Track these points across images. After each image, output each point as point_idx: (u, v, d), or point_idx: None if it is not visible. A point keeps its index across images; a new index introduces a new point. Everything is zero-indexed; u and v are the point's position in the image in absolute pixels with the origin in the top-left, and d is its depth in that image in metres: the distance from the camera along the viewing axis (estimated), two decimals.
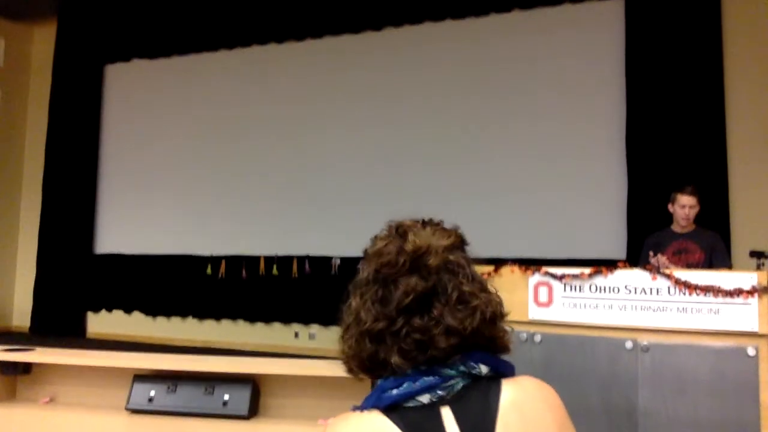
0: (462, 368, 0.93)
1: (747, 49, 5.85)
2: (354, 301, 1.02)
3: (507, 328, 1.00)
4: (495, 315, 0.98)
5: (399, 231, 1.02)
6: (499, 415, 0.90)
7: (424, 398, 0.92)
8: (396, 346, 0.94)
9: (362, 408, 0.94)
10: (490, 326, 0.97)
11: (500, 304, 1.01)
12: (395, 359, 0.94)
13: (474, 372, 0.94)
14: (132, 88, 8.75)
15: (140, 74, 8.72)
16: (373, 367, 0.98)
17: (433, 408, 0.92)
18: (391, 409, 0.92)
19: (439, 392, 0.92)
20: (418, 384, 0.92)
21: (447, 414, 0.91)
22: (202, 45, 8.24)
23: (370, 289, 1.00)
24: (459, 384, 0.93)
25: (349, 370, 1.02)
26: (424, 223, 1.05)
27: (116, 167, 8.74)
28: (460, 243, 1.03)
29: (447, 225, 1.08)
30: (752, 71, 5.83)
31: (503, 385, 0.94)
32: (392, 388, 0.93)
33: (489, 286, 1.02)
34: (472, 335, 0.95)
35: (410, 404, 0.92)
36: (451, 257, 0.99)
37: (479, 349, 0.96)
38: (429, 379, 0.93)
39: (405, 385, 0.93)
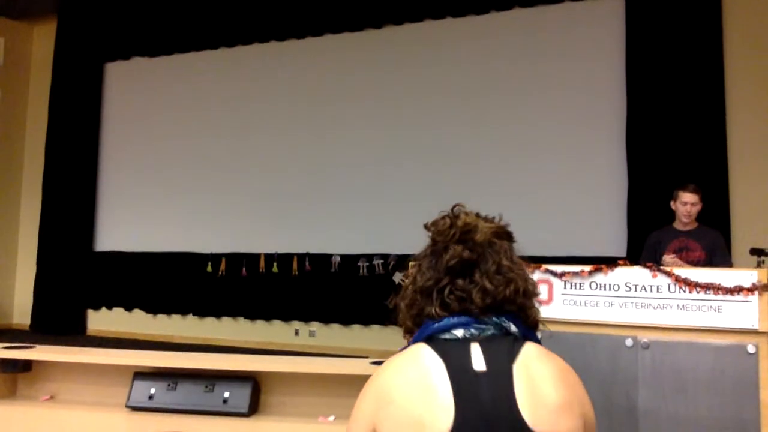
0: (495, 320, 1.14)
1: (747, 48, 5.84)
2: (412, 270, 1.24)
3: (538, 306, 1.21)
4: (527, 290, 1.18)
5: (454, 211, 1.26)
6: (519, 359, 1.08)
7: (459, 332, 1.13)
8: (440, 299, 1.16)
9: (409, 345, 1.17)
10: (522, 297, 1.17)
11: (534, 284, 1.21)
12: (437, 310, 1.15)
13: (504, 325, 1.14)
14: (132, 86, 8.74)
15: (140, 72, 8.71)
16: (422, 321, 1.19)
17: (465, 342, 1.12)
18: (430, 340, 1.13)
19: (473, 330, 1.12)
20: (454, 319, 1.14)
21: (476, 349, 1.10)
22: (202, 43, 8.23)
23: (426, 259, 1.22)
24: (490, 330, 1.13)
25: (405, 330, 1.24)
26: (478, 215, 1.28)
27: (116, 165, 8.74)
28: (505, 234, 1.25)
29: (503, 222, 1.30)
30: (753, 69, 5.81)
31: (527, 343, 1.12)
32: (433, 324, 1.15)
33: (526, 270, 1.22)
34: (505, 301, 1.15)
35: (446, 336, 1.13)
36: (496, 240, 1.21)
37: (514, 315, 1.16)
38: (464, 319, 1.14)
39: (444, 321, 1.14)
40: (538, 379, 1.06)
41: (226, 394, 2.46)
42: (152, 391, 2.52)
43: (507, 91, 6.79)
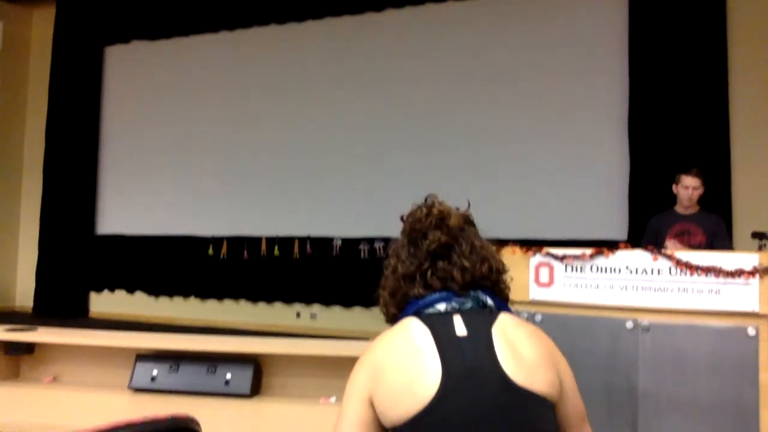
0: (473, 294, 1.27)
1: (751, 33, 5.80)
2: (392, 261, 1.36)
3: (508, 281, 1.36)
4: (499, 268, 1.33)
5: (427, 202, 1.36)
6: (495, 325, 1.21)
7: (441, 306, 1.25)
8: (423, 281, 1.28)
9: (400, 318, 1.29)
10: (496, 274, 1.32)
11: (503, 263, 1.36)
12: (419, 290, 1.27)
13: (481, 299, 1.27)
14: (132, 69, 8.70)
15: (140, 56, 8.67)
16: (405, 303, 1.30)
17: (448, 314, 1.24)
18: (416, 315, 1.25)
19: (454, 304, 1.25)
20: (436, 295, 1.26)
21: (458, 319, 1.23)
22: (202, 26, 8.18)
23: (404, 248, 1.34)
24: (469, 303, 1.26)
25: (388, 318, 1.36)
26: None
27: (117, 148, 8.73)
28: (471, 221, 1.39)
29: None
30: (756, 53, 5.78)
31: (502, 313, 1.26)
32: (418, 302, 1.27)
33: (495, 251, 1.36)
34: (482, 278, 1.29)
35: (430, 311, 1.25)
36: (465, 225, 1.34)
37: (489, 290, 1.30)
38: (445, 294, 1.26)
39: (427, 298, 1.26)
40: (514, 340, 1.19)
41: (228, 376, 2.48)
42: (154, 372, 2.53)
43: (510, 76, 6.75)
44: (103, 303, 8.64)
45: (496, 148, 6.74)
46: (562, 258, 3.07)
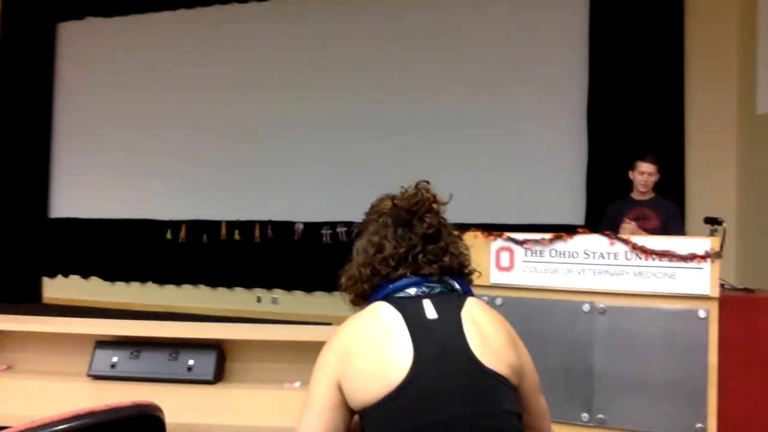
0: (443, 280, 1.31)
1: (707, 24, 5.95)
2: (373, 239, 1.36)
3: (473, 272, 1.43)
4: (467, 254, 1.41)
5: (417, 186, 1.41)
6: (465, 305, 1.27)
7: (411, 291, 1.28)
8: (414, 262, 1.31)
9: (369, 303, 1.31)
10: (466, 261, 1.40)
11: (468, 251, 1.44)
12: (406, 272, 1.30)
13: (450, 284, 1.32)
14: (86, 47, 8.42)
15: (95, 33, 8.38)
16: (378, 285, 1.33)
17: (418, 299, 1.27)
18: (387, 298, 1.28)
19: (423, 289, 1.29)
20: (406, 280, 1.29)
21: (427, 303, 1.26)
22: (160, 4, 7.95)
23: (389, 228, 1.36)
24: (438, 288, 1.30)
25: (358, 295, 1.38)
26: None
27: (71, 129, 8.47)
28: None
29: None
30: (711, 45, 5.93)
31: (469, 297, 1.31)
32: (388, 286, 1.30)
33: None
34: (464, 264, 1.38)
35: (401, 295, 1.28)
36: (441, 220, 1.40)
37: (456, 276, 1.35)
38: (415, 279, 1.30)
39: (397, 283, 1.30)
40: (481, 323, 1.24)
41: (191, 362, 2.45)
42: (114, 359, 2.49)
43: (470, 63, 6.78)
44: (56, 288, 8.43)
45: (457, 135, 6.77)
46: (522, 243, 3.13)
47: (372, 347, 1.19)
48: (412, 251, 1.32)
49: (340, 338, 1.24)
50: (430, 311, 1.24)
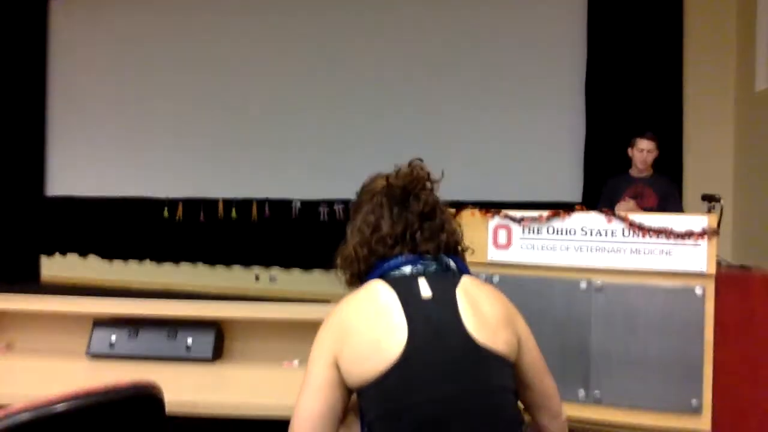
0: (439, 258, 1.31)
1: (705, 4, 5.89)
2: (369, 218, 1.36)
3: (465, 249, 1.45)
4: (460, 232, 1.42)
5: (413, 163, 1.40)
6: (460, 283, 1.28)
7: (407, 270, 1.29)
8: (412, 241, 1.31)
9: (365, 281, 1.32)
10: (459, 239, 1.40)
11: (461, 228, 1.44)
12: (404, 250, 1.31)
13: (445, 261, 1.33)
14: (79, 23, 8.30)
15: (88, 8, 8.26)
16: (374, 263, 1.32)
17: (413, 277, 1.27)
18: (383, 277, 1.28)
19: (419, 267, 1.29)
20: (402, 258, 1.30)
21: (422, 281, 1.27)
22: None
23: (384, 207, 1.35)
24: (433, 266, 1.30)
25: (354, 273, 1.37)
26: None
27: (66, 107, 8.39)
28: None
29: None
30: (709, 21, 5.89)
31: (465, 275, 1.33)
32: (383, 264, 1.30)
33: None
34: (458, 241, 1.38)
35: (396, 273, 1.29)
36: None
37: (452, 253, 1.36)
38: (411, 257, 1.30)
39: (392, 261, 1.30)
40: (477, 301, 1.25)
41: (189, 341, 2.46)
42: (113, 338, 2.50)
43: (468, 41, 6.72)
44: (54, 267, 8.42)
45: (455, 113, 6.74)
46: (520, 220, 3.12)
47: (367, 326, 1.20)
48: (409, 230, 1.32)
49: (337, 317, 1.26)
50: (425, 290, 1.25)
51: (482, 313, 1.23)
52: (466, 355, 1.18)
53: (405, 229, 1.32)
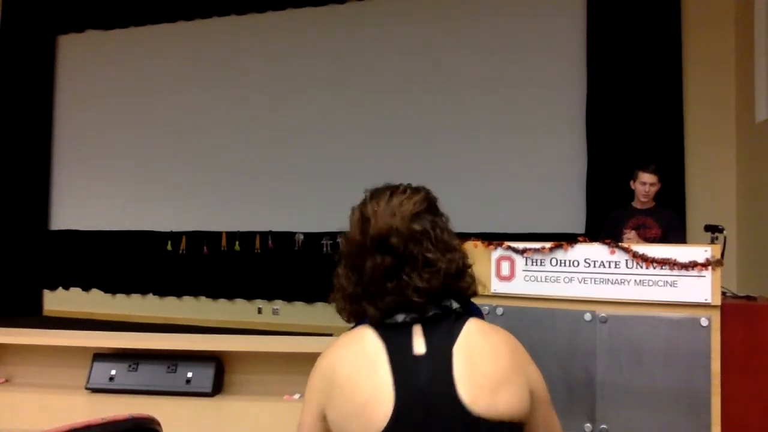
0: (437, 301, 1.14)
1: (703, 32, 5.97)
2: (339, 269, 1.23)
3: (470, 278, 1.20)
4: (459, 270, 1.17)
5: (364, 214, 1.21)
6: (461, 335, 1.10)
7: (399, 318, 1.13)
8: (373, 306, 1.14)
9: (356, 326, 1.20)
10: (455, 280, 1.16)
11: (463, 258, 1.20)
12: (373, 312, 1.14)
13: (445, 304, 1.14)
14: (86, 60, 8.45)
15: (95, 46, 8.42)
16: (360, 317, 1.19)
17: (407, 326, 1.12)
18: (373, 325, 1.15)
19: (413, 315, 1.12)
20: (393, 306, 1.13)
21: (417, 331, 1.12)
22: (159, 16, 7.99)
23: (349, 260, 1.20)
24: (432, 311, 1.13)
25: (347, 320, 1.24)
26: (392, 194, 1.23)
27: (71, 141, 8.48)
28: (426, 207, 1.21)
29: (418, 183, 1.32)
30: (709, 54, 5.95)
31: (469, 320, 1.14)
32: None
33: (454, 242, 1.20)
34: (441, 289, 1.14)
35: (388, 321, 1.13)
36: (416, 227, 1.16)
37: (454, 290, 1.17)
38: (403, 304, 1.13)
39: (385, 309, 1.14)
40: (478, 355, 1.08)
41: (189, 374, 2.44)
42: (113, 372, 2.48)
43: (470, 71, 6.79)
44: (57, 301, 8.41)
45: (457, 145, 6.77)
46: (522, 251, 3.12)
47: (353, 384, 1.09)
48: (367, 292, 1.16)
49: (325, 365, 1.16)
50: (418, 344, 1.10)
51: (482, 373, 1.07)
52: (458, 428, 1.04)
53: (363, 292, 1.16)
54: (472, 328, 1.12)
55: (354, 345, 1.14)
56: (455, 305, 1.15)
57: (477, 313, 1.20)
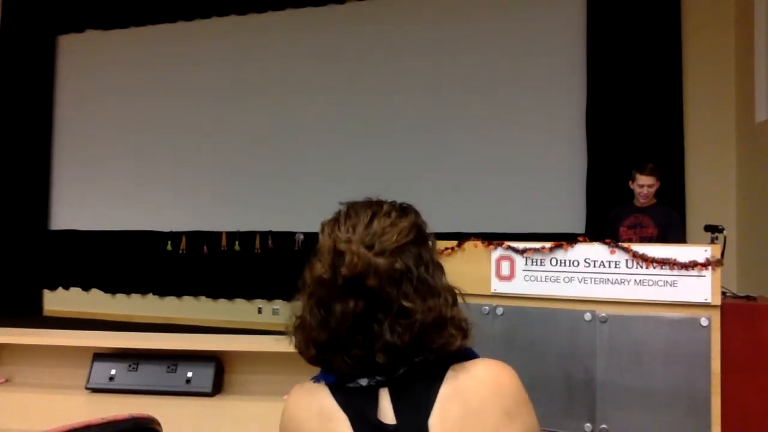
0: (406, 359, 0.92)
1: (703, 32, 5.97)
2: (302, 299, 1.00)
3: (454, 329, 0.95)
4: (436, 321, 0.93)
5: (336, 244, 0.97)
6: (437, 401, 0.89)
7: (363, 381, 0.93)
8: (339, 356, 0.94)
9: (317, 379, 0.99)
10: (432, 333, 0.92)
11: (446, 304, 0.96)
12: (338, 365, 0.94)
13: (416, 360, 0.92)
14: (86, 59, 8.45)
15: (95, 46, 8.42)
16: (320, 364, 0.98)
17: (372, 390, 0.93)
18: (335, 387, 0.95)
19: (378, 377, 0.92)
20: (352, 369, 0.93)
21: (384, 395, 0.92)
22: (159, 16, 7.99)
23: (315, 294, 0.97)
24: (401, 369, 0.92)
25: (307, 361, 1.01)
26: (373, 216, 0.99)
27: (71, 141, 8.48)
28: (413, 237, 0.98)
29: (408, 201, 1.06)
30: (708, 53, 5.95)
31: (449, 372, 0.92)
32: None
33: (438, 282, 0.98)
34: (413, 348, 0.92)
35: (351, 385, 0.94)
36: (398, 266, 0.93)
37: (424, 352, 0.93)
38: (366, 364, 0.92)
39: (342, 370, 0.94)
40: (459, 423, 0.88)
41: (189, 374, 2.44)
42: (113, 372, 2.48)
43: (470, 71, 6.79)
44: (57, 301, 8.41)
45: (457, 145, 6.78)
46: (522, 251, 3.12)
47: None
48: (333, 344, 0.94)
49: (286, 416, 1.02)
50: (386, 412, 0.91)
51: None
52: None
53: (327, 342, 0.95)
54: (451, 384, 0.91)
55: (312, 409, 0.96)
56: (431, 358, 0.92)
57: (461, 355, 0.95)
